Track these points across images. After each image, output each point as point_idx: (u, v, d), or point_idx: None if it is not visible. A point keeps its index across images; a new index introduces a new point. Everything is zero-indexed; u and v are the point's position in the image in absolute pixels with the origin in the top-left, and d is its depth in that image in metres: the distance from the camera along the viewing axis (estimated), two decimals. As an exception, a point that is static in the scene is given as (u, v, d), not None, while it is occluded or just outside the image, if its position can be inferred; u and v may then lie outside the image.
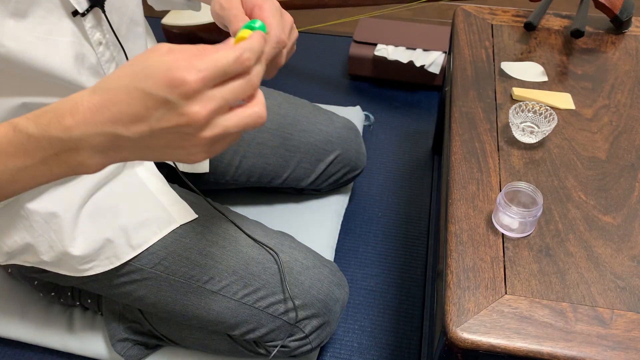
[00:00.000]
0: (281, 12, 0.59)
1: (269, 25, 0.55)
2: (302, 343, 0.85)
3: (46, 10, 0.61)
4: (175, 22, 1.65)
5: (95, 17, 0.67)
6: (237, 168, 1.01)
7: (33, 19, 0.60)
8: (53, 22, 0.62)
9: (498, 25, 1.08)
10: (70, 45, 0.64)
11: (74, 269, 0.78)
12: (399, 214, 1.27)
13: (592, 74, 0.97)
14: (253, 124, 0.47)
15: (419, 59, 1.51)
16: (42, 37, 0.61)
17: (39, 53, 0.61)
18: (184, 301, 0.81)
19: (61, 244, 0.74)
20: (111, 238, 0.77)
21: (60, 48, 0.63)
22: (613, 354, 0.60)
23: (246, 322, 0.83)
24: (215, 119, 0.45)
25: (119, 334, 0.94)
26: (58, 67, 0.63)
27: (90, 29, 0.66)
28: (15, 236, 0.74)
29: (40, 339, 1.00)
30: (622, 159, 0.82)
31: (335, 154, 1.05)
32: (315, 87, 1.63)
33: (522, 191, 0.73)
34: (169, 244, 0.80)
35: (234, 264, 0.81)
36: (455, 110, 0.89)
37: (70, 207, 0.74)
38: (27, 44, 0.60)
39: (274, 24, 0.56)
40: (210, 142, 0.46)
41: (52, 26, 0.62)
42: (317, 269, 0.85)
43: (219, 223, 0.84)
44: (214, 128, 0.45)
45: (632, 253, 0.70)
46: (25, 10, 0.59)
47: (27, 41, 0.60)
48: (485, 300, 0.65)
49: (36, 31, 0.61)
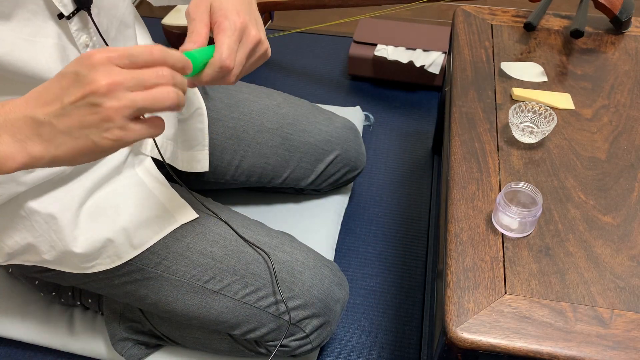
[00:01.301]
0: (242, 32, 0.60)
1: (217, 49, 0.57)
2: (303, 342, 0.85)
3: (31, 12, 0.61)
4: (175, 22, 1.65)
5: (81, 19, 0.66)
6: (237, 168, 1.01)
7: (17, 21, 0.60)
8: (38, 25, 0.62)
9: (498, 25, 1.09)
10: (56, 47, 0.64)
11: (76, 267, 0.78)
12: (399, 214, 1.27)
13: (592, 74, 0.97)
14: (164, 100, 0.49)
15: (419, 59, 1.51)
16: (27, 39, 0.61)
17: (24, 55, 0.61)
18: (184, 300, 0.82)
19: (62, 244, 0.75)
20: (112, 238, 0.77)
21: (46, 50, 0.63)
22: (613, 353, 0.60)
23: (247, 322, 0.83)
24: (120, 91, 0.47)
25: (120, 334, 0.94)
26: (43, 69, 0.63)
27: (76, 32, 0.66)
28: (16, 236, 0.74)
29: (40, 339, 1.00)
30: (621, 159, 0.82)
31: (335, 154, 1.05)
32: (315, 87, 1.63)
33: (522, 191, 0.73)
34: (170, 243, 0.80)
35: (235, 264, 0.81)
36: (455, 110, 0.89)
37: (69, 208, 0.74)
38: (12, 45, 0.60)
39: (224, 48, 0.57)
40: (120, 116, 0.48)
41: (37, 28, 0.62)
42: (318, 269, 0.85)
43: (221, 222, 0.84)
44: (120, 100, 0.47)
45: (632, 253, 0.70)
46: (9, 13, 0.59)
47: (11, 43, 0.60)
48: (485, 300, 0.65)
49: (21, 33, 0.61)
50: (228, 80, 0.60)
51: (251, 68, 0.64)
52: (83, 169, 0.76)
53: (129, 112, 0.48)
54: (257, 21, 0.64)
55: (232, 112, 0.99)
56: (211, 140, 0.98)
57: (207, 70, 0.58)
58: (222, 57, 0.57)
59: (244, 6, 0.62)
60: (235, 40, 0.59)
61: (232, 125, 0.99)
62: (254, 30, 0.62)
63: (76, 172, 0.75)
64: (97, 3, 0.67)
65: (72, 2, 0.64)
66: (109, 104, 0.47)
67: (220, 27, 0.59)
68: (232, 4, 0.61)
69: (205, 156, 0.96)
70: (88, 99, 0.47)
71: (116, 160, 0.78)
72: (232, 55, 0.58)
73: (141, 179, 0.81)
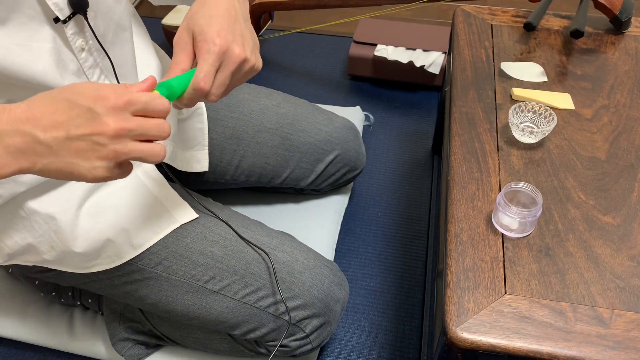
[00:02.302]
0: (223, 54, 0.62)
1: (195, 73, 0.61)
2: (303, 343, 0.85)
3: (27, 17, 0.61)
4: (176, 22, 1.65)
5: (77, 24, 0.66)
6: (237, 167, 1.01)
7: (13, 26, 0.60)
8: (34, 29, 0.62)
9: (498, 25, 1.09)
10: (52, 51, 0.64)
11: (77, 266, 0.79)
12: (399, 214, 1.27)
13: (592, 74, 0.97)
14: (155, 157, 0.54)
15: (419, 59, 1.51)
16: (22, 43, 0.61)
17: (20, 60, 0.61)
18: (184, 301, 0.82)
19: (62, 244, 0.75)
20: (112, 238, 0.77)
21: (42, 55, 0.63)
22: (613, 353, 0.60)
23: (247, 322, 0.83)
24: (126, 138, 0.52)
25: (120, 334, 0.94)
26: (40, 74, 0.63)
27: (72, 36, 0.66)
28: (16, 237, 0.74)
29: (40, 339, 1.00)
30: (621, 159, 0.82)
31: (335, 154, 1.05)
32: (315, 87, 1.63)
33: (522, 191, 0.73)
34: (170, 243, 0.80)
35: (235, 264, 0.81)
36: (455, 110, 0.89)
37: (68, 208, 0.74)
38: (7, 50, 0.60)
39: (199, 71, 0.61)
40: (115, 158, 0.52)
41: (32, 33, 0.62)
42: (318, 269, 0.85)
43: (221, 222, 0.84)
44: (123, 146, 0.52)
45: (632, 253, 0.70)
46: (5, 18, 0.59)
47: (7, 48, 0.60)
48: (485, 300, 0.65)
49: (16, 38, 0.61)
50: (210, 99, 0.63)
51: (239, 83, 0.67)
52: None
53: (124, 157, 0.52)
54: (244, 38, 0.65)
55: (231, 112, 0.99)
56: (211, 140, 0.98)
57: (185, 94, 0.61)
58: (197, 81, 0.60)
59: (227, 24, 0.63)
60: (212, 63, 0.61)
61: (232, 125, 0.99)
62: (238, 49, 0.63)
63: None
64: (93, 7, 0.67)
65: (68, 6, 0.64)
66: (112, 147, 0.51)
67: (200, 52, 0.62)
68: (215, 25, 0.62)
69: (205, 156, 0.96)
70: (95, 137, 0.51)
71: None
72: (207, 78, 0.61)
73: (141, 179, 0.81)
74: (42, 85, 0.64)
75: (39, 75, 0.63)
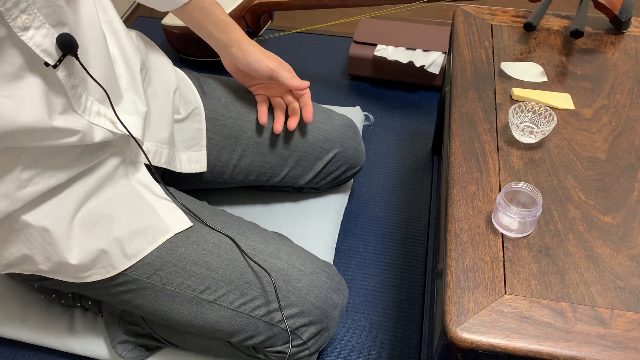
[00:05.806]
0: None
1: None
2: (301, 349, 0.84)
3: (14, 66, 0.60)
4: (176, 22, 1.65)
5: (68, 65, 0.65)
6: (235, 167, 1.01)
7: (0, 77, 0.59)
8: (22, 77, 0.61)
9: (498, 25, 1.09)
10: (41, 95, 0.63)
11: (72, 276, 0.78)
12: (399, 214, 1.27)
13: (592, 74, 0.97)
14: None
15: (419, 59, 1.51)
16: (9, 95, 0.60)
17: (8, 112, 0.61)
18: (180, 310, 0.81)
19: (57, 255, 0.75)
20: (106, 249, 0.76)
21: (33, 101, 0.62)
22: (612, 353, 0.60)
23: (243, 331, 0.82)
24: None
25: (119, 336, 0.94)
26: (30, 121, 0.63)
27: (65, 77, 0.65)
28: (12, 248, 0.75)
29: (40, 340, 1.00)
30: (621, 159, 0.82)
31: (334, 152, 1.05)
32: (315, 87, 1.63)
33: (522, 191, 0.73)
34: (164, 254, 0.79)
35: (230, 273, 0.80)
36: (455, 110, 0.89)
37: (61, 220, 0.74)
38: None
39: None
40: None
41: (20, 81, 0.61)
42: (315, 275, 0.84)
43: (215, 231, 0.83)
44: None
45: (632, 253, 0.70)
46: None
47: None
48: (485, 300, 0.65)
49: (4, 90, 0.60)
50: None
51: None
52: (76, 177, 0.75)
53: None
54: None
55: (229, 112, 0.99)
56: (209, 139, 0.97)
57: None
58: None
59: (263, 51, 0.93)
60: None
61: (230, 124, 0.98)
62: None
63: (68, 182, 0.75)
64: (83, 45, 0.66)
65: (56, 49, 0.63)
66: None
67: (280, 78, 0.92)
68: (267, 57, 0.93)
69: (203, 156, 0.96)
70: None
71: (108, 167, 0.78)
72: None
73: (134, 187, 0.81)
74: (32, 129, 0.63)
75: (29, 122, 0.62)
